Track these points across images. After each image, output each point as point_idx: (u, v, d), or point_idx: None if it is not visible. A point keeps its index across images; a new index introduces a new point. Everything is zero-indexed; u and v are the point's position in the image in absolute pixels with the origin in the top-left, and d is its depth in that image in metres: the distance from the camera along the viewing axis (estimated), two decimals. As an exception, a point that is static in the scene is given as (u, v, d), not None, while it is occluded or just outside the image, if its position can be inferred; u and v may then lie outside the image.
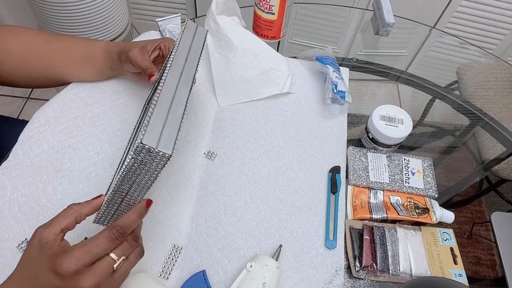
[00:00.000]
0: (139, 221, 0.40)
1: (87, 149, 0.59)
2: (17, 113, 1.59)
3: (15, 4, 1.50)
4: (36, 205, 0.53)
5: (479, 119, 0.82)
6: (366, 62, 0.84)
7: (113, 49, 0.60)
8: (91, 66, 0.63)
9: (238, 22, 0.73)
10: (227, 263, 0.52)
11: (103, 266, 0.37)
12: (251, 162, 0.62)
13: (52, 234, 0.36)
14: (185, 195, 0.57)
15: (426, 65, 0.93)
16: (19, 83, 0.62)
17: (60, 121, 0.61)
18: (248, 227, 0.56)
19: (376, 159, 0.64)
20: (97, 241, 0.36)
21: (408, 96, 0.83)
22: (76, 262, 0.35)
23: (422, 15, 1.38)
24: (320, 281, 0.52)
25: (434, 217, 0.57)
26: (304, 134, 0.67)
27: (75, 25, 1.24)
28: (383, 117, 0.64)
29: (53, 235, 0.36)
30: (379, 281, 0.53)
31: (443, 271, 0.54)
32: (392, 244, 0.55)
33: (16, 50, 0.59)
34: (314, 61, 0.74)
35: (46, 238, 0.36)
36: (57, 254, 0.35)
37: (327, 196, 0.60)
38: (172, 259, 0.52)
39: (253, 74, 0.69)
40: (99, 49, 0.61)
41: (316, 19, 0.97)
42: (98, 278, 0.36)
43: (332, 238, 0.56)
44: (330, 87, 0.68)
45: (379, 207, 0.59)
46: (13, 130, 0.64)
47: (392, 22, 0.86)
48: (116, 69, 0.62)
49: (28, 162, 0.56)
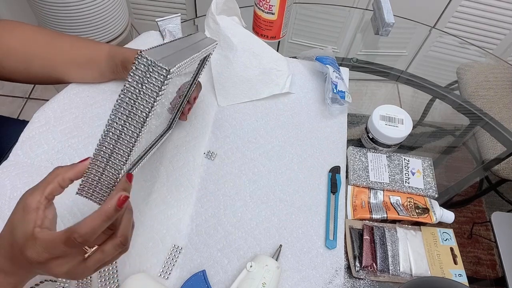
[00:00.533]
0: (105, 225, 0.35)
1: (87, 149, 0.59)
2: (17, 113, 1.59)
3: (15, 4, 1.50)
4: (36, 205, 0.53)
5: (479, 119, 0.82)
6: (366, 62, 0.84)
7: (118, 55, 0.60)
8: (94, 69, 0.63)
9: (238, 22, 0.73)
10: (227, 263, 0.52)
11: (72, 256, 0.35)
12: (251, 162, 0.62)
13: (36, 201, 0.36)
14: (185, 195, 0.57)
15: (426, 65, 0.93)
16: (19, 79, 0.62)
17: (60, 121, 0.61)
18: (248, 227, 0.56)
19: (376, 159, 0.64)
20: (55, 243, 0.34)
21: (408, 96, 0.83)
22: (38, 255, 0.34)
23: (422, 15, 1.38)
24: (320, 281, 0.52)
25: (434, 217, 0.57)
26: (304, 134, 0.67)
27: (75, 25, 1.24)
28: (383, 117, 0.64)
29: (37, 202, 0.36)
30: (379, 281, 0.53)
31: (443, 271, 0.54)
32: (392, 244, 0.55)
33: (16, 47, 0.59)
34: (314, 61, 0.74)
35: (30, 205, 0.35)
36: (28, 237, 0.34)
37: (327, 196, 0.60)
38: (172, 259, 0.52)
39: (253, 74, 0.69)
40: (102, 53, 0.61)
41: (316, 19, 0.97)
42: (67, 267, 0.35)
43: (332, 238, 0.56)
44: (330, 87, 0.68)
45: (379, 207, 0.59)
46: (13, 130, 0.64)
47: (392, 22, 0.86)
48: (118, 73, 0.62)
49: (28, 162, 0.57)
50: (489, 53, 1.03)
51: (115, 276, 0.49)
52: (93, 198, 0.41)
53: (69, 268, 0.35)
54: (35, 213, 0.35)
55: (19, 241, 0.35)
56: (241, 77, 0.68)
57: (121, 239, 0.37)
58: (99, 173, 0.39)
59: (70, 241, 0.34)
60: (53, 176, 0.37)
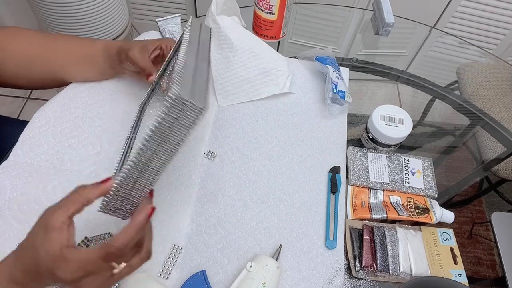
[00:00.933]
0: (137, 237, 0.38)
1: (87, 149, 0.59)
2: (17, 113, 1.59)
3: (15, 4, 1.49)
4: (35, 204, 0.53)
5: (479, 119, 0.82)
6: (366, 62, 0.84)
7: (113, 47, 0.60)
8: (92, 66, 0.63)
9: (238, 22, 0.73)
10: (227, 263, 0.52)
11: (102, 273, 0.37)
12: (251, 162, 0.62)
13: (60, 222, 0.36)
14: (185, 195, 0.57)
15: (426, 65, 0.93)
16: (20, 84, 0.62)
17: (60, 121, 0.61)
18: (248, 227, 0.56)
19: (376, 159, 0.64)
20: (92, 259, 0.36)
21: (408, 96, 0.83)
22: (72, 274, 0.35)
23: (422, 15, 1.38)
24: (320, 281, 0.52)
25: (434, 217, 0.57)
26: (304, 134, 0.67)
27: (75, 25, 1.24)
28: (383, 117, 0.64)
29: (60, 223, 0.36)
30: (379, 281, 0.53)
31: (443, 271, 0.54)
32: (392, 244, 0.55)
33: (16, 51, 0.59)
34: (314, 61, 0.74)
35: (53, 225, 0.36)
36: (56, 258, 0.35)
37: (327, 196, 0.60)
38: (172, 259, 0.52)
39: (253, 74, 0.69)
40: (99, 48, 0.61)
41: (316, 19, 0.97)
42: (97, 283, 0.37)
43: (332, 238, 0.56)
44: (330, 87, 0.68)
45: (379, 207, 0.59)
46: (13, 130, 0.64)
47: (392, 22, 0.86)
48: (115, 67, 0.62)
49: (28, 162, 0.56)
50: (489, 53, 1.03)
51: (115, 276, 0.49)
52: (116, 214, 0.42)
53: (99, 284, 0.37)
54: (59, 233, 0.36)
55: (46, 261, 0.35)
56: (241, 77, 0.68)
57: (147, 254, 0.40)
58: (125, 193, 0.40)
59: (109, 255, 0.36)
60: (77, 196, 0.38)
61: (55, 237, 0.35)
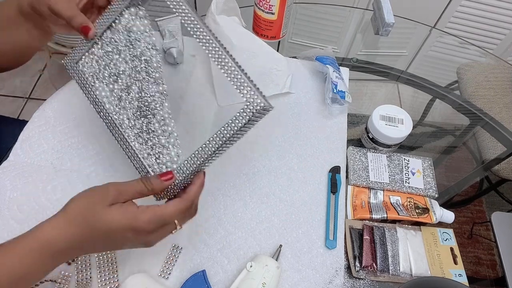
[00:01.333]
0: (201, 190, 0.45)
1: (87, 149, 0.59)
2: (17, 113, 1.59)
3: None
4: (35, 204, 0.53)
5: (479, 119, 0.82)
6: (366, 62, 0.84)
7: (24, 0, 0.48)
8: (16, 29, 0.51)
9: (238, 22, 0.73)
10: (227, 263, 0.52)
11: (169, 230, 0.42)
12: (251, 162, 0.62)
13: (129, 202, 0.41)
14: (185, 195, 0.57)
15: (426, 65, 0.93)
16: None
17: (60, 121, 0.61)
18: (248, 227, 0.56)
19: (376, 159, 0.64)
20: (170, 212, 0.41)
21: (408, 96, 0.83)
22: (152, 224, 0.40)
23: (422, 15, 1.38)
24: (320, 281, 0.52)
25: (434, 217, 0.57)
26: (304, 134, 0.67)
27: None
28: (383, 117, 0.64)
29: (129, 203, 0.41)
30: (379, 281, 0.53)
31: (443, 271, 0.54)
32: (392, 244, 0.55)
33: None
34: (314, 61, 0.74)
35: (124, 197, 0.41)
36: (135, 212, 0.39)
37: (327, 196, 0.60)
38: (172, 259, 0.52)
39: (253, 74, 0.68)
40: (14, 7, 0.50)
41: (316, 19, 0.97)
42: (161, 238, 0.43)
43: (332, 238, 0.56)
44: (330, 87, 0.68)
45: (379, 207, 0.59)
46: (13, 130, 0.64)
47: (392, 22, 0.86)
48: (41, 25, 0.51)
49: (28, 162, 0.57)
50: (489, 53, 1.03)
51: (115, 276, 0.49)
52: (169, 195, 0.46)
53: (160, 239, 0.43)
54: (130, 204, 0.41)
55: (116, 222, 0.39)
56: (241, 77, 0.68)
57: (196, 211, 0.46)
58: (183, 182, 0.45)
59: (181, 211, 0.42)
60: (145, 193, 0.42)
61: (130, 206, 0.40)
